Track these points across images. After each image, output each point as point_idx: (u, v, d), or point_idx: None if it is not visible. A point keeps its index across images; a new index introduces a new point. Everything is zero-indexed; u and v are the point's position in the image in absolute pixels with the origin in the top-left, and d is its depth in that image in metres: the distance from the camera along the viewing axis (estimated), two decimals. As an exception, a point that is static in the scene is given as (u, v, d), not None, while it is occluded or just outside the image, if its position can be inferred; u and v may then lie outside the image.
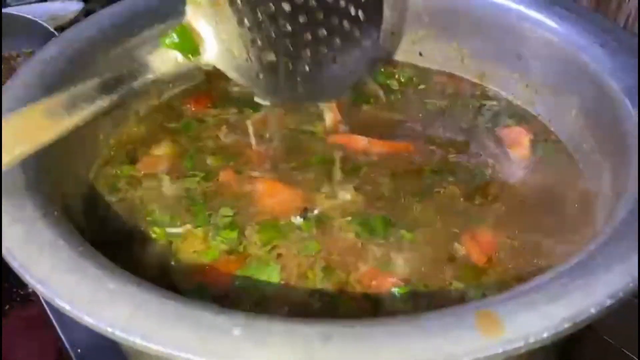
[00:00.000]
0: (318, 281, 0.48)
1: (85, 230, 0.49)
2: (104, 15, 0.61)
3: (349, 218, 0.53)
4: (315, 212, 0.53)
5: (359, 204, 0.54)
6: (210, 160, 0.59)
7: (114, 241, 0.50)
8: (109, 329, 0.33)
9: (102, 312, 0.34)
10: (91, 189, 0.55)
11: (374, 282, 0.48)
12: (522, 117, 0.66)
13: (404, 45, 0.73)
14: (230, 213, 0.53)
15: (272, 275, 0.48)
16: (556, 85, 0.63)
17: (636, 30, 0.91)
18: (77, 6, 1.07)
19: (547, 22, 0.62)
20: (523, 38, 0.65)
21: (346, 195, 0.55)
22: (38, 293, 0.37)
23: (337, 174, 0.57)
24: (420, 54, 0.73)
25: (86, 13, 1.06)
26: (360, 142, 0.62)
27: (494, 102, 0.68)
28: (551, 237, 0.52)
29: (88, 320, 0.34)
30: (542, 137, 0.63)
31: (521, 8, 0.64)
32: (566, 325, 0.33)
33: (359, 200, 0.54)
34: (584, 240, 0.49)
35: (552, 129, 0.63)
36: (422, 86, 0.71)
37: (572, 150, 0.60)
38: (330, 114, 0.65)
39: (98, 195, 0.55)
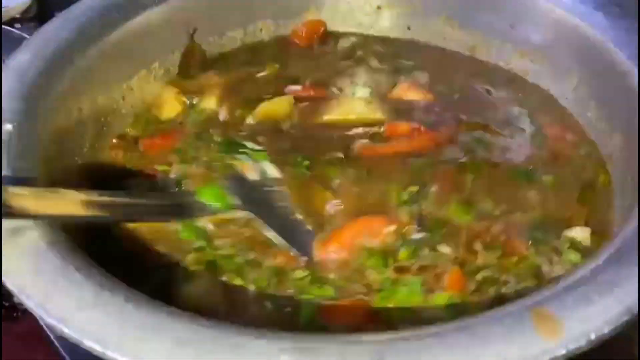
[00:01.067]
0: None
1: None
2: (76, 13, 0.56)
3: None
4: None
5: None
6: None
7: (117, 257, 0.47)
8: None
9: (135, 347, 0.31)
10: None
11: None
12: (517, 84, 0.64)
13: (391, 19, 0.71)
14: None
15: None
16: (554, 53, 0.61)
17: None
18: (28, -3, 0.99)
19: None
20: (517, 6, 0.63)
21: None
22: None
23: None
24: (409, 28, 0.71)
25: (38, 4, 0.99)
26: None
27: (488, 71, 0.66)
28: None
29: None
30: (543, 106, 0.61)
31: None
32: (625, 318, 0.32)
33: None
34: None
35: (553, 95, 0.62)
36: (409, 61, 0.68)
37: (577, 117, 0.59)
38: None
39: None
